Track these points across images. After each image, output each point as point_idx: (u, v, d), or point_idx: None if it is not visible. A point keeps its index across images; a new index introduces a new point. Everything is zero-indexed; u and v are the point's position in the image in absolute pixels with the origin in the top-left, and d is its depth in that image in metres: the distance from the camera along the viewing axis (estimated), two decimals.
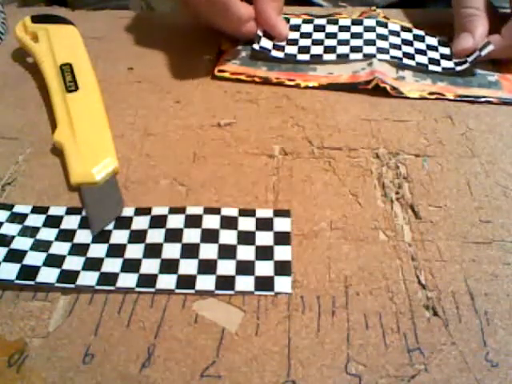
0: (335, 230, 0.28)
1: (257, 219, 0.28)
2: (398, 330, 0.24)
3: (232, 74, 0.39)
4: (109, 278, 0.26)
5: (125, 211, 0.29)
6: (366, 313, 0.24)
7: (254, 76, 0.39)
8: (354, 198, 0.30)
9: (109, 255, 0.27)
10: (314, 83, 0.38)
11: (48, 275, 0.25)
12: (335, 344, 0.23)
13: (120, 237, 0.28)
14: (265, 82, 0.38)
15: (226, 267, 0.26)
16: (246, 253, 0.27)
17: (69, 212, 0.29)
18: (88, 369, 0.22)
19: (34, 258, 0.26)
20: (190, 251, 0.27)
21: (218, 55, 0.41)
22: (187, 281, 0.25)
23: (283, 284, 0.25)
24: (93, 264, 0.26)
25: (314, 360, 0.23)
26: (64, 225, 0.28)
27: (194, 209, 0.29)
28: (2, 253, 0.26)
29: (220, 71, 0.39)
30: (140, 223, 0.28)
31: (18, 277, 0.25)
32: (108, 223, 0.28)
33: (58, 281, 0.25)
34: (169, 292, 0.25)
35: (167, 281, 0.25)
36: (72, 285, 0.25)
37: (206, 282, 0.25)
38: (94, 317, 0.24)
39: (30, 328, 0.24)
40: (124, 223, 0.28)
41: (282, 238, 0.27)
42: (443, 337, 0.23)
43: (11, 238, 0.27)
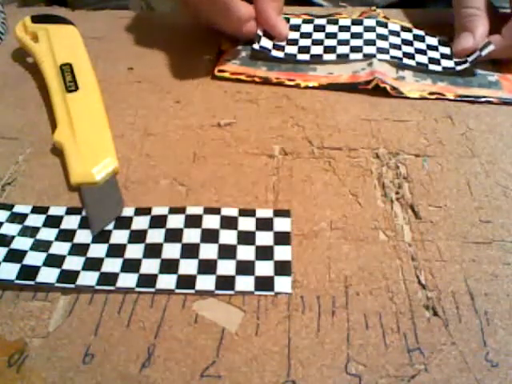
0: (335, 230, 0.28)
1: (257, 219, 0.28)
2: (398, 330, 0.24)
3: (232, 74, 0.39)
4: (109, 278, 0.26)
5: (125, 211, 0.29)
6: (366, 313, 0.24)
7: (254, 76, 0.39)
8: (354, 198, 0.30)
9: (109, 255, 0.27)
10: (314, 83, 0.38)
11: (48, 275, 0.26)
12: (335, 344, 0.23)
13: (120, 237, 0.28)
14: (265, 82, 0.38)
15: (226, 267, 0.26)
16: (246, 253, 0.27)
17: (69, 212, 0.29)
18: (88, 369, 0.22)
19: (34, 258, 0.26)
20: (190, 251, 0.27)
21: (218, 55, 0.41)
22: (187, 281, 0.25)
23: (283, 284, 0.25)
24: (93, 264, 0.26)
25: (314, 360, 0.23)
26: (64, 225, 0.28)
27: (194, 209, 0.29)
28: (2, 253, 0.26)
29: (220, 71, 0.39)
30: (140, 223, 0.28)
31: (18, 277, 0.25)
32: (108, 223, 0.28)
33: (58, 281, 0.25)
34: (169, 292, 0.25)
35: (167, 281, 0.25)
36: (72, 285, 0.25)
37: (206, 282, 0.25)
38: (94, 317, 0.24)
39: (30, 328, 0.24)
40: (124, 223, 0.28)
41: (282, 238, 0.27)
42: (443, 337, 0.23)
43: (11, 238, 0.27)
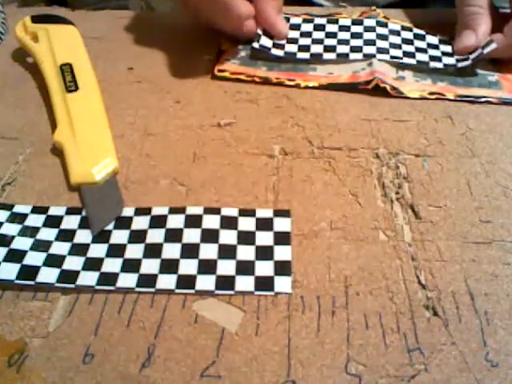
0: (335, 230, 0.28)
1: (257, 219, 0.28)
2: (398, 330, 0.24)
3: (232, 74, 0.39)
4: (109, 278, 0.26)
5: (125, 211, 0.29)
6: (366, 313, 0.24)
7: (254, 76, 0.39)
8: (354, 198, 0.30)
9: (109, 255, 0.27)
10: (314, 83, 0.38)
11: (48, 275, 0.25)
12: (335, 344, 0.23)
13: (120, 237, 0.28)
14: (265, 82, 0.38)
15: (226, 267, 0.26)
16: (246, 253, 0.27)
17: (69, 212, 0.29)
18: (88, 369, 0.22)
19: (34, 258, 0.26)
20: (190, 251, 0.27)
21: (218, 55, 0.41)
22: (187, 281, 0.25)
23: (283, 284, 0.25)
24: (93, 264, 0.26)
25: (314, 360, 0.23)
26: (64, 225, 0.28)
27: (194, 209, 0.29)
28: (2, 253, 0.26)
29: (220, 71, 0.39)
30: (140, 223, 0.28)
31: (18, 277, 0.25)
32: (108, 223, 0.28)
33: (58, 281, 0.25)
34: (169, 292, 0.25)
35: (167, 281, 0.25)
36: (72, 285, 0.25)
37: (206, 282, 0.25)
38: (94, 317, 0.24)
39: (30, 328, 0.24)
40: (124, 223, 0.28)
41: (282, 238, 0.27)
42: (443, 337, 0.23)
43: (11, 238, 0.27)
